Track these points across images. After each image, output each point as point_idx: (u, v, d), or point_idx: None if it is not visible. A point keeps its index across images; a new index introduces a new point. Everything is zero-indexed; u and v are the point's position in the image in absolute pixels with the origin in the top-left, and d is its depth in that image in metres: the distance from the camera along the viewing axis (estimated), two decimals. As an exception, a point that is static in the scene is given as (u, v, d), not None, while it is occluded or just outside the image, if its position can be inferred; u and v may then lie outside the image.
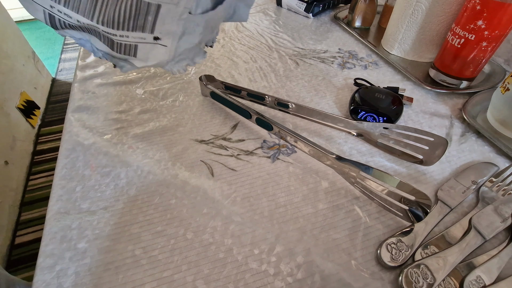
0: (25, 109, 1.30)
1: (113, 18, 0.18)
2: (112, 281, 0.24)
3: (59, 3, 0.18)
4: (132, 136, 0.36)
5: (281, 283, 0.24)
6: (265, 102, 0.39)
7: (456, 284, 0.23)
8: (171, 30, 0.19)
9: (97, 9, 0.18)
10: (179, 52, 0.21)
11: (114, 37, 0.19)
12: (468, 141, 0.35)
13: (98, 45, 0.21)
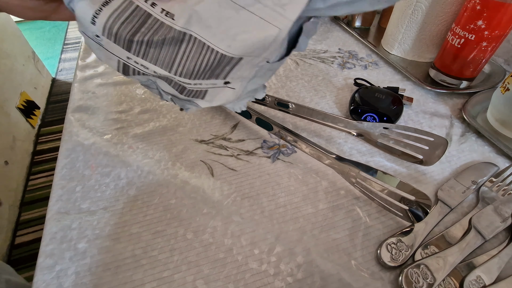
0: (25, 109, 1.30)
1: (192, 70, 0.18)
2: (112, 281, 0.24)
3: (138, 55, 0.18)
4: (132, 136, 0.36)
5: (281, 283, 0.24)
6: (265, 102, 0.39)
7: (456, 284, 0.23)
8: (244, 75, 0.19)
9: (176, 62, 0.18)
10: (245, 93, 0.21)
11: (187, 85, 0.20)
12: (468, 141, 0.35)
13: (165, 88, 0.21)
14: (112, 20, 0.17)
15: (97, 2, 0.17)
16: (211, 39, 0.17)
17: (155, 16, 0.17)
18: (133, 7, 0.17)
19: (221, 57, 0.18)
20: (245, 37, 0.17)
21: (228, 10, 0.16)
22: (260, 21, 0.16)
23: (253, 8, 0.16)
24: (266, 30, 0.16)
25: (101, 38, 0.18)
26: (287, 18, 0.16)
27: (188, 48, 0.18)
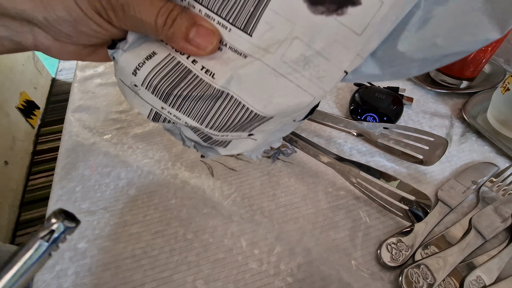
0: (25, 109, 1.30)
1: (224, 124, 0.19)
2: (112, 281, 0.24)
3: (173, 107, 0.19)
4: (132, 136, 0.36)
5: (281, 283, 0.24)
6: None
7: (456, 284, 0.23)
8: (268, 129, 0.20)
9: (209, 116, 0.19)
10: (264, 143, 0.22)
11: (214, 136, 0.20)
12: (468, 141, 0.35)
13: (189, 135, 0.21)
14: (153, 74, 0.18)
15: (141, 56, 0.18)
16: (248, 99, 0.18)
17: (195, 73, 0.18)
18: (174, 63, 0.18)
19: (254, 115, 0.18)
20: (281, 101, 0.18)
21: (269, 75, 0.17)
22: (297, 88, 0.17)
23: (292, 77, 0.17)
24: (301, 97, 0.17)
25: (139, 87, 0.19)
26: (323, 88, 0.17)
27: (224, 104, 0.19)
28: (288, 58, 0.17)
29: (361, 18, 0.15)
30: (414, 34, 0.16)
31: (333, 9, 0.15)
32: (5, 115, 1.14)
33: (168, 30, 0.16)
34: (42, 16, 0.15)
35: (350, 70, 0.17)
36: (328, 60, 0.16)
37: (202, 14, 0.17)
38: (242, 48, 0.17)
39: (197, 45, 0.16)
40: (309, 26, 0.16)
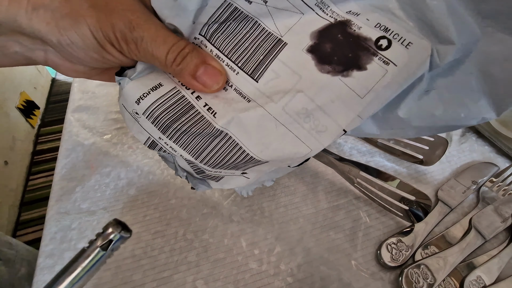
0: (24, 109, 1.30)
1: (218, 162, 0.19)
2: (112, 281, 0.24)
3: (170, 139, 0.19)
4: (132, 136, 0.36)
5: (281, 283, 0.24)
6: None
7: (457, 284, 0.23)
8: (262, 170, 0.20)
9: (205, 152, 0.19)
10: (257, 182, 0.22)
11: (207, 171, 0.20)
12: (468, 141, 0.35)
13: (182, 164, 0.21)
14: (156, 105, 0.18)
15: (147, 86, 0.18)
16: (246, 142, 0.18)
17: (197, 109, 0.18)
18: (178, 96, 0.18)
19: (250, 158, 0.19)
20: (278, 148, 0.18)
21: (269, 123, 0.18)
22: (295, 139, 0.18)
23: (291, 127, 0.17)
24: (298, 147, 0.18)
25: (139, 116, 0.19)
26: (321, 143, 0.18)
27: (221, 144, 0.19)
28: (290, 109, 0.17)
29: (364, 82, 0.16)
30: (414, 103, 0.17)
31: (339, 70, 0.16)
32: (5, 115, 1.14)
33: (177, 66, 0.16)
34: (56, 39, 0.15)
35: (349, 129, 0.17)
36: (329, 116, 0.17)
37: (213, 54, 0.17)
38: (247, 92, 0.18)
39: (203, 83, 0.17)
40: (314, 82, 0.16)
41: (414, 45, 0.15)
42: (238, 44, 0.17)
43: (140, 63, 0.18)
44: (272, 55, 0.17)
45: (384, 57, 0.15)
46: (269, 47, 0.17)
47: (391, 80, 0.15)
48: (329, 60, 0.16)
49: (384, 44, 0.15)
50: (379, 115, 0.17)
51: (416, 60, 0.15)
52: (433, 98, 0.16)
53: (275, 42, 0.17)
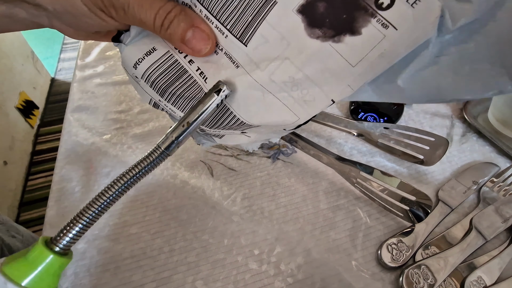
0: (24, 109, 1.30)
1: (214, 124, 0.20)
2: (111, 282, 0.24)
3: (168, 102, 0.20)
4: (132, 136, 0.36)
5: (281, 283, 0.24)
6: (265, 102, 0.38)
7: (457, 284, 0.23)
8: (260, 131, 0.20)
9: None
10: (261, 140, 0.22)
11: (207, 130, 0.21)
12: (469, 141, 0.35)
13: None
14: (152, 70, 0.19)
15: (142, 51, 0.19)
16: (236, 108, 0.19)
17: (190, 73, 0.19)
18: (172, 61, 0.19)
19: (241, 122, 0.19)
20: (266, 116, 0.18)
21: (256, 91, 0.17)
22: (283, 107, 0.17)
23: (279, 95, 0.17)
24: (286, 115, 0.18)
25: (139, 79, 0.20)
26: (308, 112, 0.17)
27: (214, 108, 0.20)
28: (276, 78, 0.17)
29: (357, 49, 0.14)
30: (418, 72, 0.15)
31: (330, 35, 0.15)
32: (4, 115, 1.14)
33: (166, 31, 0.17)
34: (52, 7, 0.16)
35: (338, 99, 0.16)
36: (317, 86, 0.16)
37: (202, 15, 0.17)
38: (236, 57, 0.17)
39: (193, 48, 0.17)
40: (303, 50, 0.16)
41: (422, 3, 0.12)
42: (226, 3, 0.16)
43: (133, 27, 0.18)
44: (261, 16, 0.16)
45: (383, 18, 0.13)
46: (258, 6, 0.16)
47: (388, 48, 0.14)
48: (320, 23, 0.15)
49: (385, 2, 0.13)
50: (376, 83, 0.16)
51: (421, 23, 0.13)
52: (440, 68, 0.14)
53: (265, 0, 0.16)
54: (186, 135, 0.17)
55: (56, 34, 2.17)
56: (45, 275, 0.16)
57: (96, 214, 0.17)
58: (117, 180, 0.17)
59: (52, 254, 0.16)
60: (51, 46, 2.05)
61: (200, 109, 0.17)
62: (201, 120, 0.17)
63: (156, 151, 0.17)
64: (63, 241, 0.17)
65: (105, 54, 0.50)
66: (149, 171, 0.18)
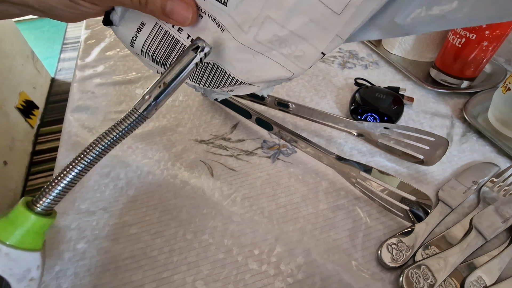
0: (24, 109, 1.30)
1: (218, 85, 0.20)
2: (111, 282, 0.24)
3: None
4: (132, 136, 0.36)
5: (281, 283, 0.24)
6: (265, 102, 0.38)
7: (457, 284, 0.23)
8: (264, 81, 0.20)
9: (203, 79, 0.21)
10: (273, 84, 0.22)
11: (216, 90, 0.22)
12: (469, 141, 0.35)
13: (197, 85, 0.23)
14: (147, 46, 0.20)
15: (132, 28, 0.19)
16: (232, 71, 0.19)
17: (182, 42, 0.19)
18: (163, 33, 0.19)
19: (241, 82, 0.19)
20: (261, 75, 0.18)
21: (246, 54, 0.18)
22: (275, 64, 0.18)
23: (269, 54, 0.17)
24: (280, 72, 0.18)
25: (139, 55, 0.21)
26: (301, 67, 0.17)
27: (212, 72, 0.20)
28: (261, 38, 0.16)
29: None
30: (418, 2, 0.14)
31: None
32: (4, 115, 1.14)
33: (146, 8, 0.17)
34: (38, 5, 0.17)
35: (329, 51, 0.16)
36: (305, 40, 0.16)
37: None
38: (220, 19, 0.17)
39: (176, 19, 0.17)
40: (282, 4, 0.15)
41: None
42: None
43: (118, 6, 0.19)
44: None
45: None
46: None
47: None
48: None
49: None
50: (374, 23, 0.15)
51: None
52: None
53: None
54: (164, 97, 0.17)
55: (56, 34, 2.17)
56: (27, 234, 0.17)
57: (74, 177, 0.17)
58: (94, 144, 0.17)
59: (32, 214, 0.17)
60: (51, 46, 2.05)
61: (178, 69, 0.17)
62: (179, 80, 0.17)
63: (133, 114, 0.17)
64: (43, 202, 0.17)
65: (105, 54, 0.50)
66: (127, 135, 0.18)
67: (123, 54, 0.50)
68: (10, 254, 0.16)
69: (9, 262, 0.16)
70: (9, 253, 0.16)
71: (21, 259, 0.17)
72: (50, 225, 0.18)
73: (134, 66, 0.47)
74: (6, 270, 0.16)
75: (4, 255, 0.16)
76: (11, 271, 0.16)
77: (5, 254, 0.16)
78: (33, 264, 0.17)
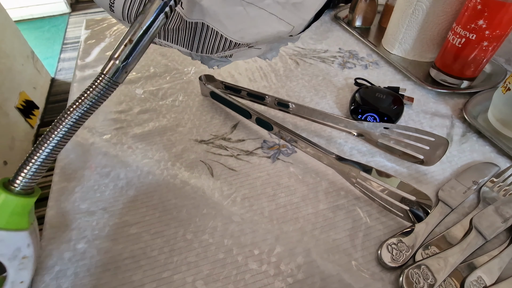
0: (24, 109, 1.30)
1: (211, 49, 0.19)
2: (111, 282, 0.24)
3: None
4: (132, 136, 0.36)
5: (281, 283, 0.24)
6: (265, 102, 0.38)
7: (457, 284, 0.23)
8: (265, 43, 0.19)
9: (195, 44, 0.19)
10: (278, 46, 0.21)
11: (212, 56, 0.20)
12: (469, 141, 0.35)
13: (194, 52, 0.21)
14: (127, 10, 0.17)
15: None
16: (223, 30, 0.17)
17: None
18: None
19: (237, 44, 0.17)
20: (256, 31, 0.16)
21: (235, 7, 0.15)
22: (271, 17, 0.15)
23: (262, 4, 0.15)
24: (278, 25, 0.16)
25: (123, 21, 0.18)
26: (301, 17, 0.15)
27: (203, 34, 0.17)
28: None
29: None
30: None
31: None
32: (4, 115, 1.14)
33: None
34: None
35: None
36: None
37: None
38: None
39: None
40: None
41: None
42: None
43: None
44: None
45: None
46: None
47: None
48: None
49: None
50: None
51: None
52: None
53: None
54: (134, 56, 0.15)
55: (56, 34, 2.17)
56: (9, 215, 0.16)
57: (49, 153, 0.16)
58: (64, 117, 0.15)
59: (10, 195, 0.16)
60: (51, 46, 2.05)
61: (146, 22, 0.14)
62: (149, 36, 0.15)
63: (102, 80, 0.15)
64: (20, 182, 0.16)
65: (105, 54, 0.50)
66: (98, 104, 0.16)
67: (123, 54, 0.50)
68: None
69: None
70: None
71: (8, 239, 0.17)
72: (32, 204, 0.18)
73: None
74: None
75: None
76: (0, 251, 0.16)
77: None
78: (22, 243, 0.17)
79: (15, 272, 0.17)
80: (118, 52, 0.15)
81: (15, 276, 0.18)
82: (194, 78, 0.45)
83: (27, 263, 0.18)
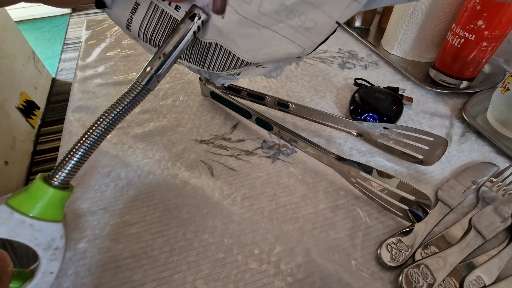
0: (25, 109, 1.30)
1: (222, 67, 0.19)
2: (112, 281, 0.24)
3: None
4: (132, 136, 0.36)
5: (281, 283, 0.24)
6: (265, 102, 0.39)
7: (456, 284, 0.23)
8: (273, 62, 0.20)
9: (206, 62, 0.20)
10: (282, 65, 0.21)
11: (220, 73, 0.21)
12: (468, 141, 0.35)
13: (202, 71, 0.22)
14: (144, 28, 0.18)
15: (127, 9, 0.18)
16: (236, 50, 0.18)
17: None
18: (159, 13, 0.18)
19: (248, 63, 0.18)
20: (268, 52, 0.17)
21: (249, 28, 0.16)
22: (283, 39, 0.16)
23: (275, 27, 0.16)
24: (289, 48, 0.16)
25: (137, 39, 0.20)
26: (313, 41, 0.16)
27: (216, 53, 0.19)
28: (266, 9, 0.15)
29: None
30: None
31: None
32: (5, 115, 1.14)
33: None
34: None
35: (344, 19, 0.14)
36: (316, 8, 0.14)
37: None
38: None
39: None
40: None
41: None
42: None
43: None
44: None
45: None
46: None
47: None
48: None
49: None
50: None
51: None
52: None
53: None
54: (165, 68, 0.17)
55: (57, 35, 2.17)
56: (47, 206, 0.18)
57: (86, 152, 0.17)
58: (102, 119, 0.17)
59: (50, 188, 0.17)
60: (52, 46, 2.05)
61: (176, 39, 0.16)
62: (179, 51, 0.17)
63: (137, 88, 0.17)
64: (59, 176, 0.18)
65: (105, 55, 0.51)
66: (132, 108, 0.18)
67: (123, 55, 0.50)
68: (34, 225, 0.17)
69: (34, 233, 0.17)
70: (33, 224, 0.17)
71: (45, 230, 0.18)
72: (68, 198, 0.19)
73: (135, 66, 0.48)
74: (32, 240, 0.17)
75: (28, 226, 0.17)
76: (36, 241, 0.17)
77: (29, 225, 0.17)
78: (57, 234, 0.18)
79: (47, 262, 0.18)
80: (153, 63, 0.17)
81: (46, 266, 0.18)
82: (194, 78, 0.45)
83: (59, 254, 0.19)
